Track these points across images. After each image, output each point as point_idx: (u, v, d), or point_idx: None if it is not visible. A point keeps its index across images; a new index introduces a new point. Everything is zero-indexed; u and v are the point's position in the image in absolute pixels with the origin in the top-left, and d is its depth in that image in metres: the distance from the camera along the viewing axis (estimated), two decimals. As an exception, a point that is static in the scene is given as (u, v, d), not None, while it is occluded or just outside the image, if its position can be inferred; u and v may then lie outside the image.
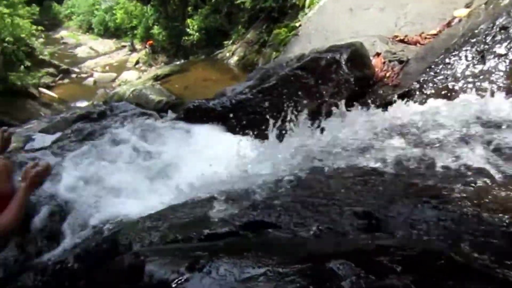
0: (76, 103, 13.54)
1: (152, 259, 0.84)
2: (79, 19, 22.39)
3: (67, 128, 5.64)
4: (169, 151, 2.11)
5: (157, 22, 16.34)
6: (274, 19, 9.86)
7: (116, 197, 1.85)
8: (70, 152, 2.35)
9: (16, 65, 13.74)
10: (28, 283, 1.15)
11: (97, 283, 0.85)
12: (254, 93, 2.53)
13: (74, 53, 18.96)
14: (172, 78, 9.72)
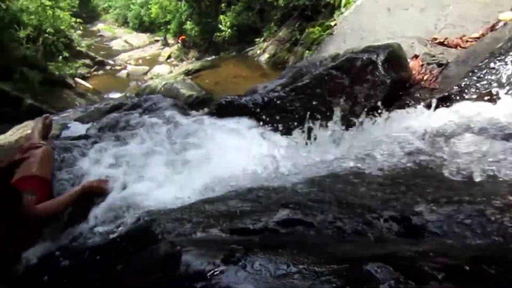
0: (109, 94, 13.95)
1: (188, 249, 0.86)
2: (116, 12, 23.03)
3: (100, 118, 5.84)
4: (200, 145, 2.14)
5: (190, 17, 16.58)
6: (307, 17, 9.78)
7: (148, 187, 1.89)
8: (104, 142, 2.42)
9: (55, 56, 14.30)
10: (65, 267, 1.20)
11: (134, 268, 0.87)
12: (287, 92, 2.52)
13: (110, 46, 19.50)
14: (203, 73, 9.83)
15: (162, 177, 1.84)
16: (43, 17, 13.38)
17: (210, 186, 1.64)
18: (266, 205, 1.20)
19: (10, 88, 9.90)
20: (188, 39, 16.86)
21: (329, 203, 1.15)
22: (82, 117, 6.32)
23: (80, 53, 16.49)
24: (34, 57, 12.60)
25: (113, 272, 0.91)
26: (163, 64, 16.39)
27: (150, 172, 1.92)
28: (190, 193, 1.62)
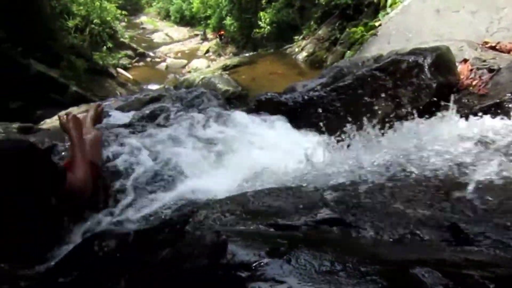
0: (148, 85, 14.38)
1: (234, 239, 0.88)
2: (158, 6, 23.65)
3: (140, 108, 6.03)
4: (240, 140, 2.17)
5: (230, 13, 16.74)
6: (348, 16, 9.61)
7: (187, 178, 1.94)
8: (144, 132, 2.49)
9: (100, 46, 14.91)
10: (110, 249, 1.25)
11: (181, 254, 0.91)
12: (328, 91, 2.50)
13: (151, 38, 20.04)
14: (240, 69, 9.91)
15: (202, 169, 1.89)
16: (91, 8, 13.98)
17: (249, 180, 1.67)
18: (307, 203, 1.21)
19: (58, 75, 10.38)
20: (226, 34, 17.04)
21: (369, 206, 1.14)
22: (122, 106, 6.51)
23: (123, 44, 17.10)
24: (81, 46, 13.20)
25: (160, 256, 0.95)
26: (201, 58, 16.67)
27: (190, 164, 1.97)
28: (229, 186, 1.65)
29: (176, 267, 0.88)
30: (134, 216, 1.68)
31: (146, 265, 0.93)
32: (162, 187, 1.86)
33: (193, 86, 8.15)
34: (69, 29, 13.21)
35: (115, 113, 5.90)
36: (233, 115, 2.56)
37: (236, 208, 1.21)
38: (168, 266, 0.89)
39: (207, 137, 2.29)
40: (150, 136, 2.36)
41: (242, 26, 15.20)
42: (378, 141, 1.89)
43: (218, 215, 1.18)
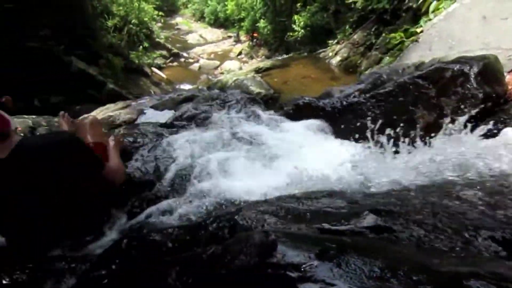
0: (181, 85, 14.68)
1: (283, 240, 0.90)
2: (194, 7, 24.09)
3: (174, 107, 6.17)
4: (279, 143, 2.19)
5: (264, 15, 16.82)
6: (385, 21, 9.43)
7: (229, 179, 1.97)
8: (186, 131, 2.54)
9: (136, 45, 15.38)
10: (156, 243, 1.29)
11: (230, 252, 0.93)
12: (367, 98, 2.47)
13: (185, 39, 20.44)
14: (273, 72, 9.93)
15: (243, 170, 1.92)
16: (130, 8, 14.45)
17: (290, 184, 1.68)
18: (352, 208, 1.21)
19: (96, 73, 10.77)
20: (260, 37, 17.14)
21: (417, 214, 1.13)
22: (157, 105, 6.68)
23: (158, 44, 17.55)
24: (118, 45, 13.66)
25: (209, 251, 0.98)
26: (234, 60, 16.83)
27: (231, 164, 2.01)
28: (270, 188, 1.67)
29: (226, 263, 0.90)
30: (177, 212, 1.72)
31: (196, 260, 0.96)
32: (204, 186, 1.90)
33: (226, 88, 8.25)
34: (108, 28, 13.69)
35: (149, 111, 6.08)
36: (271, 118, 2.58)
37: (281, 210, 1.22)
38: (217, 262, 0.92)
39: (246, 139, 2.32)
40: (191, 135, 2.41)
41: (276, 29, 15.23)
42: (422, 149, 1.86)
43: (263, 215, 1.20)
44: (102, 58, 11.79)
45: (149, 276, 1.01)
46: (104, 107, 7.27)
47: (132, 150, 2.30)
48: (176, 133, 2.55)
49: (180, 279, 0.92)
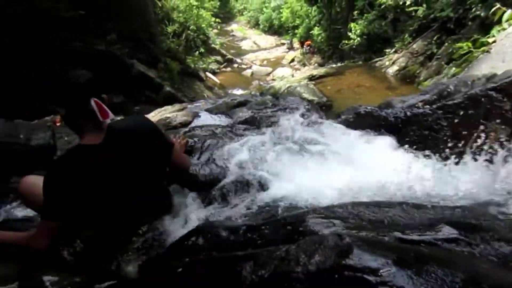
0: (233, 90, 15.03)
1: (358, 244, 0.91)
2: (249, 15, 24.62)
3: (228, 111, 6.30)
4: (338, 151, 2.18)
5: (319, 23, 16.78)
6: (449, 30, 9.02)
7: (285, 183, 1.99)
8: (242, 136, 2.59)
9: (192, 50, 16.01)
10: (223, 239, 1.33)
11: (303, 252, 0.96)
12: (433, 109, 2.39)
13: (239, 45, 20.89)
14: (326, 79, 9.85)
15: (303, 176, 1.93)
16: (189, 15, 15.07)
17: (351, 192, 1.67)
18: (424, 219, 1.18)
19: (155, 76, 11.31)
20: (313, 44, 17.11)
21: (493, 228, 1.08)
22: (211, 108, 6.84)
23: (213, 50, 18.13)
24: (176, 50, 14.29)
25: (281, 250, 1.01)
26: (286, 67, 16.92)
27: (290, 170, 2.04)
28: (333, 194, 1.68)
29: (301, 262, 0.92)
30: (239, 212, 1.78)
31: (270, 256, 0.99)
32: (264, 189, 1.93)
33: (279, 94, 8.30)
34: (168, 34, 14.36)
35: (204, 114, 6.27)
36: (330, 125, 2.58)
37: (349, 216, 1.23)
38: (292, 260, 0.94)
39: (306, 145, 2.33)
40: (247, 140, 2.45)
41: (330, 37, 15.12)
42: (492, 165, 1.77)
43: (331, 220, 1.21)
44: (160, 62, 12.40)
45: (223, 267, 1.06)
46: (161, 109, 7.59)
47: (194, 150, 2.39)
48: (236, 136, 2.62)
49: (255, 273, 0.95)
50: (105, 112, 1.40)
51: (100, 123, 1.41)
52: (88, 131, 1.41)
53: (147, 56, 11.68)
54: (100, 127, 1.42)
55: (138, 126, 1.55)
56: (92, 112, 1.37)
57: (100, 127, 1.42)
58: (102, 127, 1.43)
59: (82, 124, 1.41)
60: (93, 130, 1.41)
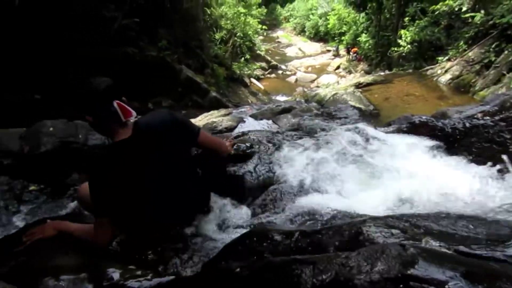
0: (277, 96, 15.09)
1: (423, 255, 0.90)
2: (295, 21, 24.66)
3: (272, 117, 6.32)
4: (391, 160, 2.13)
5: (366, 30, 16.45)
6: (509, 37, 8.50)
7: (337, 192, 1.97)
8: (291, 143, 2.59)
9: (238, 57, 16.30)
10: (276, 242, 1.35)
11: (365, 260, 0.95)
12: (495, 121, 2.27)
13: (284, 52, 20.95)
14: (374, 87, 9.61)
15: (354, 184, 1.91)
16: (236, 22, 15.38)
17: (409, 203, 1.63)
18: (490, 234, 1.14)
19: (202, 81, 11.62)
20: (360, 51, 16.81)
21: None
22: (256, 114, 6.88)
23: (258, 56, 18.35)
24: (223, 56, 14.64)
25: (341, 256, 1.01)
26: (331, 74, 16.75)
27: (341, 178, 2.02)
28: (387, 205, 1.65)
29: (363, 270, 0.92)
30: (289, 217, 1.79)
31: (330, 262, 1.00)
32: (314, 197, 1.92)
33: (324, 101, 8.21)
34: (215, 40, 14.71)
35: (248, 119, 6.33)
36: (382, 134, 2.52)
37: (409, 227, 1.21)
38: (354, 268, 0.94)
39: (356, 153, 2.30)
40: (302, 146, 2.45)
41: (378, 44, 14.77)
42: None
43: (389, 230, 1.20)
44: (208, 67, 12.76)
45: (282, 270, 1.07)
46: (208, 113, 7.76)
47: (245, 155, 2.42)
48: (286, 143, 2.63)
49: (315, 277, 0.96)
50: (128, 111, 1.50)
51: (125, 122, 1.51)
52: (116, 130, 1.51)
53: (195, 62, 12.07)
54: (126, 125, 1.52)
55: (159, 118, 1.64)
56: (115, 113, 1.47)
57: (126, 125, 1.52)
58: (128, 125, 1.53)
59: (110, 126, 1.51)
60: (120, 129, 1.51)
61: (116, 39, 8.51)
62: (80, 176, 3.27)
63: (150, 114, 1.73)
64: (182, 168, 1.67)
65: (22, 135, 3.19)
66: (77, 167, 3.27)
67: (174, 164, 1.61)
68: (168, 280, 1.38)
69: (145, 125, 1.57)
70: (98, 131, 1.62)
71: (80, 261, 1.47)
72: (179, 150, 1.66)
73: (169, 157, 1.59)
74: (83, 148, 3.23)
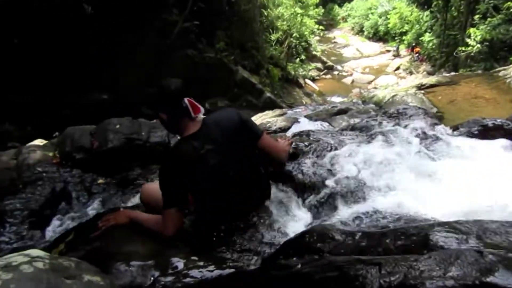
0: (331, 97, 14.82)
1: (504, 263, 0.83)
2: (353, 21, 24.04)
3: (328, 118, 6.19)
4: (461, 164, 2.00)
5: (430, 29, 15.60)
6: None
7: (395, 193, 1.89)
8: (350, 144, 2.52)
9: (293, 57, 16.25)
10: (338, 243, 1.32)
11: (438, 264, 0.91)
12: None
13: (341, 53, 20.51)
14: (438, 89, 9.07)
15: (419, 188, 1.82)
16: (292, 23, 15.35)
17: (481, 209, 1.52)
18: None
19: (257, 81, 11.75)
20: (422, 51, 15.97)
21: None
22: (311, 115, 6.78)
23: (314, 57, 18.13)
24: (278, 57, 14.69)
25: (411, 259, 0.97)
26: (390, 75, 16.10)
27: (403, 181, 1.93)
28: (455, 210, 1.55)
29: (436, 274, 0.88)
30: (347, 218, 1.75)
31: (398, 264, 0.96)
32: (374, 198, 1.86)
33: (382, 103, 7.91)
34: (271, 41, 14.79)
35: (303, 120, 6.26)
36: (451, 137, 2.38)
37: (482, 233, 1.13)
38: (426, 271, 0.90)
39: (422, 156, 2.19)
40: (359, 148, 2.38)
41: (443, 44, 13.93)
42: None
43: (461, 235, 1.13)
44: (263, 68, 12.89)
45: (346, 269, 1.05)
46: (262, 113, 7.81)
47: (303, 153, 2.41)
48: (344, 143, 2.57)
49: (382, 279, 0.93)
50: (197, 108, 1.59)
51: (194, 117, 1.60)
52: (187, 125, 1.60)
53: (251, 63, 12.25)
54: (195, 120, 1.61)
55: (227, 116, 1.72)
56: (186, 109, 1.57)
57: (195, 120, 1.61)
58: (197, 120, 1.62)
59: (181, 121, 1.60)
60: (190, 124, 1.60)
61: (177, 42, 8.89)
62: (141, 172, 3.48)
63: (218, 112, 1.81)
64: (246, 163, 1.72)
65: (92, 131, 3.45)
66: (140, 163, 3.48)
67: (238, 159, 1.67)
68: (229, 273, 1.41)
69: (213, 121, 1.66)
70: (169, 128, 1.72)
71: (148, 249, 1.56)
72: (244, 146, 1.71)
73: (234, 152, 1.65)
74: (146, 144, 3.42)
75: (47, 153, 3.32)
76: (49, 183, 2.93)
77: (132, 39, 7.72)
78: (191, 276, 1.37)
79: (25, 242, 2.49)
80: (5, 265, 0.76)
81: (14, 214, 2.62)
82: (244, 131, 1.71)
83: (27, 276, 0.74)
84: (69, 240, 1.74)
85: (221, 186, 1.63)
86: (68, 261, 0.88)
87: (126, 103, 7.86)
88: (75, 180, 3.17)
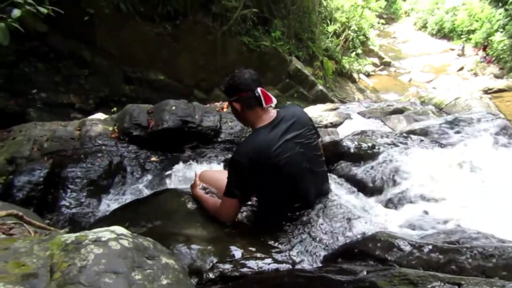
0: (386, 95, 14.22)
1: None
2: (417, 16, 22.75)
3: (382, 117, 5.94)
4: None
5: (503, 28, 14.36)
6: None
7: (464, 205, 1.80)
8: (413, 148, 2.41)
9: (349, 51, 15.73)
10: (390, 243, 1.27)
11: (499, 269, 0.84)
12: None
13: (400, 49, 19.57)
14: (506, 94, 8.42)
15: (491, 205, 1.71)
16: (352, 15, 14.82)
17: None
18: None
19: (310, 73, 11.53)
20: (490, 52, 14.79)
21: None
22: (364, 112, 6.55)
23: (371, 51, 17.39)
24: (333, 49, 14.28)
25: (496, 285, 0.91)
26: (452, 75, 15.12)
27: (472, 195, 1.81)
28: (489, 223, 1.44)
29: None
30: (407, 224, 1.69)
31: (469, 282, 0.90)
32: (435, 207, 1.79)
33: (443, 105, 7.48)
34: (328, 33, 14.42)
35: (356, 116, 6.06)
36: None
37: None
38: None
39: (491, 167, 2.05)
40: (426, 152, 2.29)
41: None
42: None
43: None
44: (317, 60, 12.60)
45: (419, 285, 1.01)
46: (314, 106, 7.67)
47: (365, 155, 2.34)
48: (410, 146, 2.46)
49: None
50: (269, 98, 1.60)
51: (266, 108, 1.61)
52: (259, 115, 1.61)
53: (305, 54, 12.02)
54: (267, 111, 1.62)
55: (300, 111, 1.78)
56: (259, 98, 1.57)
57: (266, 111, 1.62)
58: (269, 111, 1.63)
59: (252, 112, 1.61)
60: (262, 113, 1.61)
61: (233, 28, 8.95)
62: (191, 154, 3.56)
63: (292, 106, 1.85)
64: (314, 158, 1.71)
65: (149, 110, 3.58)
66: (191, 145, 3.56)
67: (308, 153, 1.67)
68: (286, 268, 1.41)
69: (290, 113, 1.67)
70: (240, 118, 1.72)
71: (207, 234, 1.59)
72: (313, 140, 1.72)
73: (308, 145, 1.66)
74: (198, 128, 3.50)
75: (107, 127, 3.50)
76: (108, 156, 3.07)
77: (188, 22, 7.90)
78: (248, 267, 1.38)
79: (83, 208, 2.66)
80: (95, 239, 0.80)
81: (75, 181, 2.79)
82: (313, 127, 1.73)
83: (115, 253, 0.78)
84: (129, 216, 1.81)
85: (292, 178, 1.61)
86: (146, 241, 0.91)
87: (181, 85, 8.14)
88: (131, 156, 3.30)
